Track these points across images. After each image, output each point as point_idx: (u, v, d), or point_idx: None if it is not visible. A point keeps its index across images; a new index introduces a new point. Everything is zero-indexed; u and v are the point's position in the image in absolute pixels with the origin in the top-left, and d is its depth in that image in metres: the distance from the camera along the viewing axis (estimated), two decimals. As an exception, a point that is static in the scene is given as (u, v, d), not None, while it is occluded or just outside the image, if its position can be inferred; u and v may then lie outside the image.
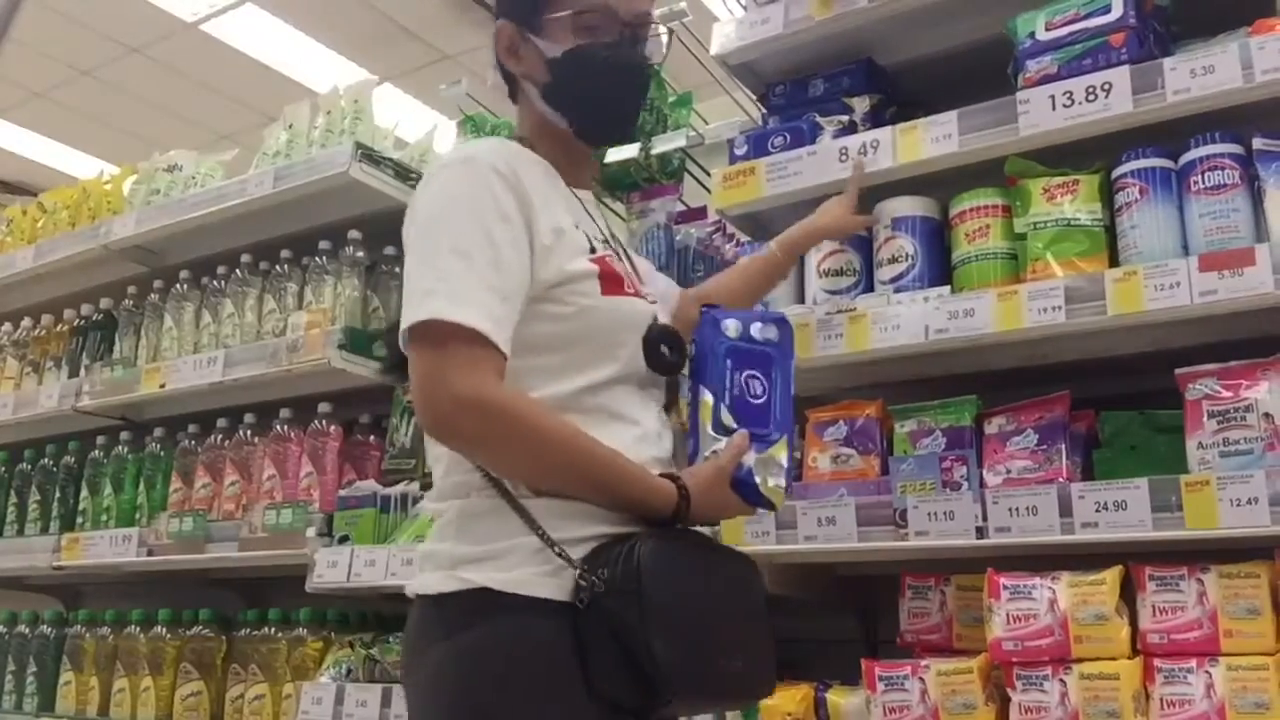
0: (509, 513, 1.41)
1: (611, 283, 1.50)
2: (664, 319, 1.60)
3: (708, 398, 1.52)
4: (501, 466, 1.43)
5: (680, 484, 1.45)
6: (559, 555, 1.37)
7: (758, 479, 1.49)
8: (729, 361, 1.54)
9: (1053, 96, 1.99)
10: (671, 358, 1.54)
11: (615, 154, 2.72)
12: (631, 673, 1.32)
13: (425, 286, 1.39)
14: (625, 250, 1.74)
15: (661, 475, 1.46)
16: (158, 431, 3.36)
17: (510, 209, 1.43)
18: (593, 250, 1.51)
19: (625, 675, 1.33)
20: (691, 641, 1.36)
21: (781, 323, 1.61)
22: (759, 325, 1.58)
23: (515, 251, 1.42)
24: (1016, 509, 1.84)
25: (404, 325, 1.40)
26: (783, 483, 1.53)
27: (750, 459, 1.50)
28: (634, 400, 1.52)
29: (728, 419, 1.51)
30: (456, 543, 1.44)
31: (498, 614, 1.37)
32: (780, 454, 1.52)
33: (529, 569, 1.38)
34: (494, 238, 1.40)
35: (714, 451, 1.50)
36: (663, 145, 2.74)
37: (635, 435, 1.49)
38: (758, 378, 1.55)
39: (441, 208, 1.45)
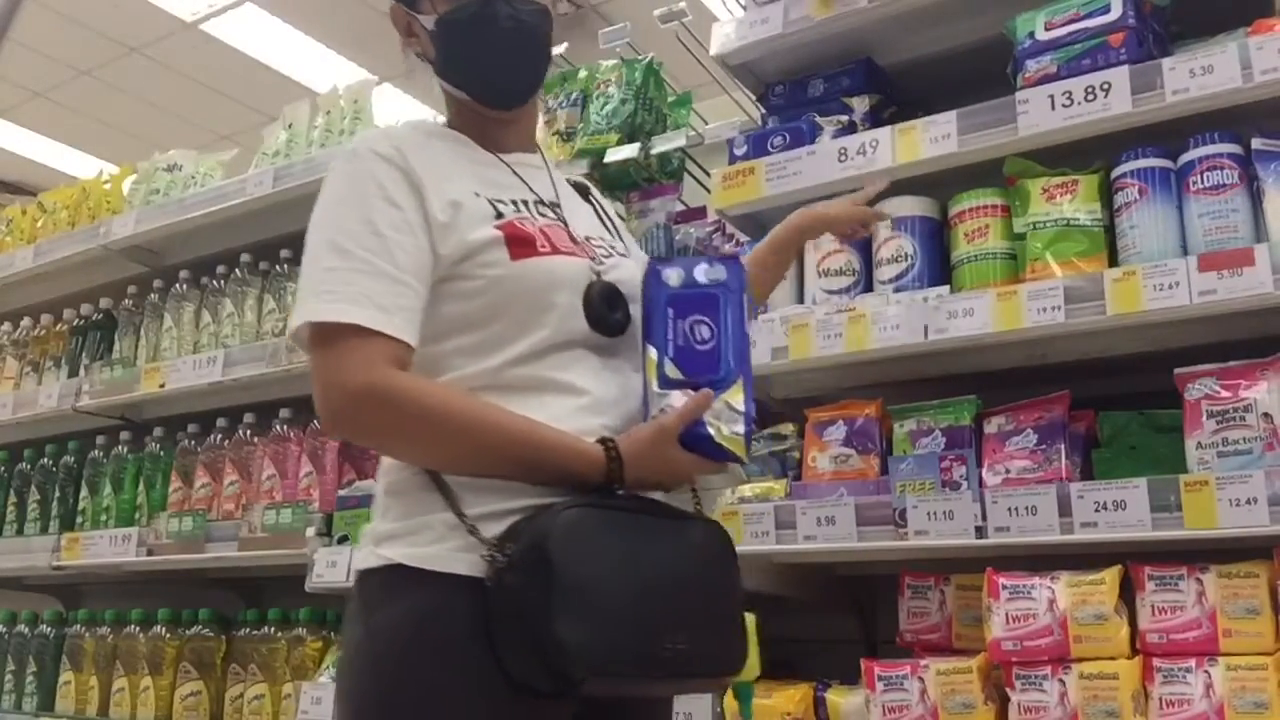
0: (429, 488, 1.35)
1: (521, 245, 1.40)
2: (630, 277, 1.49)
3: (651, 353, 1.41)
4: (405, 454, 1.39)
5: (610, 446, 1.35)
6: (470, 531, 1.30)
7: (711, 430, 1.36)
8: (671, 311, 1.42)
9: (1052, 96, 1.99)
10: (614, 316, 1.43)
11: (615, 154, 2.72)
12: (541, 654, 1.23)
13: (306, 288, 1.37)
14: (609, 221, 1.66)
15: (599, 440, 1.36)
16: (157, 431, 3.36)
17: (397, 192, 1.39)
18: (499, 216, 1.42)
19: (534, 656, 1.24)
20: (607, 619, 1.25)
21: (730, 261, 1.47)
22: (704, 268, 1.45)
23: (407, 234, 1.37)
24: (1016, 509, 1.84)
25: (288, 331, 1.40)
26: (741, 429, 1.38)
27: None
28: (581, 367, 1.42)
29: (672, 371, 1.40)
30: (382, 519, 1.40)
31: (409, 591, 1.32)
32: (735, 398, 1.38)
33: (443, 544, 1.32)
34: (378, 226, 1.36)
35: (661, 410, 1.38)
36: (662, 145, 2.74)
37: (577, 405, 1.39)
38: (705, 322, 1.42)
39: (324, 207, 1.42)
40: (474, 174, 1.47)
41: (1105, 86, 1.95)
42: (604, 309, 1.43)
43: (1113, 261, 1.97)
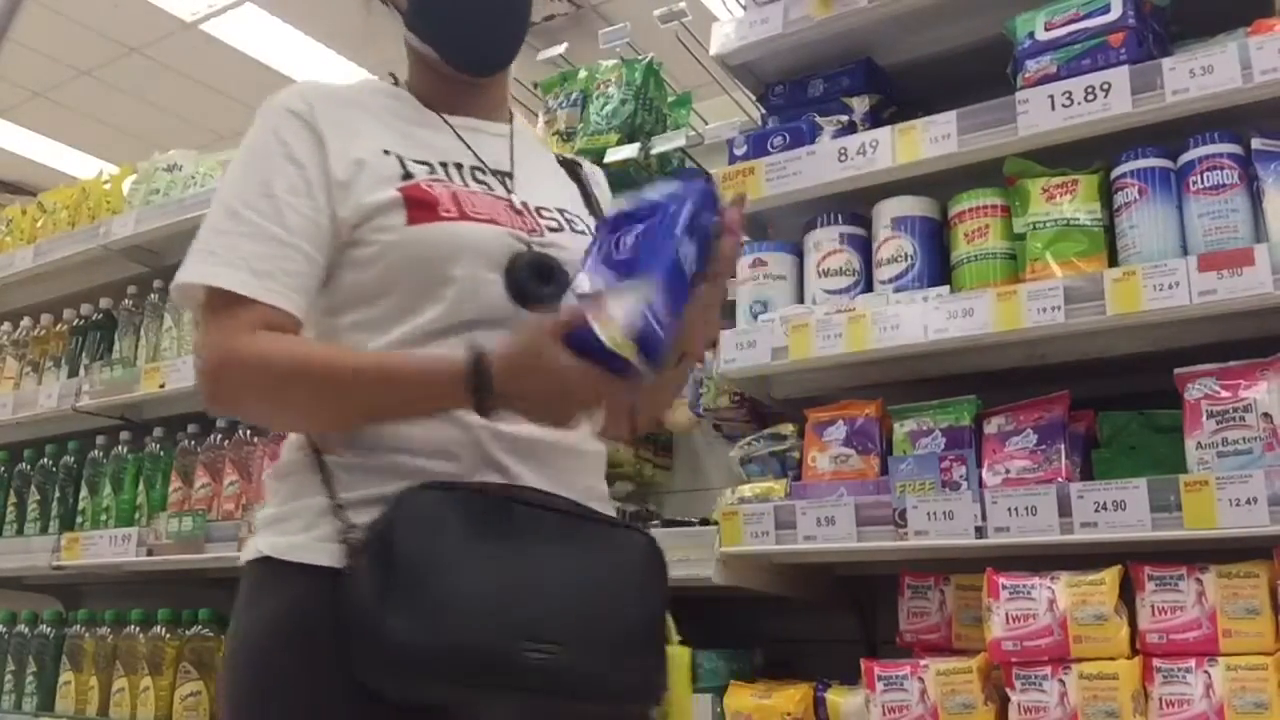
0: (312, 469, 1.24)
1: (422, 209, 1.26)
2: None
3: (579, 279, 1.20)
4: (271, 420, 1.31)
5: (478, 352, 1.14)
6: (336, 514, 1.19)
7: (596, 326, 1.09)
8: (606, 229, 1.21)
9: (1052, 96, 1.99)
10: (543, 290, 1.23)
11: (615, 154, 2.72)
12: (375, 649, 1.10)
13: (192, 250, 1.28)
14: (594, 202, 1.52)
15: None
16: (157, 431, 3.35)
17: (300, 149, 1.28)
18: (408, 177, 1.29)
19: (370, 653, 1.10)
20: (451, 612, 1.10)
21: (689, 178, 1.23)
22: (660, 185, 1.22)
23: (303, 195, 1.26)
24: (1015, 509, 1.84)
25: (171, 291, 1.28)
26: (638, 324, 1.08)
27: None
28: None
29: (582, 283, 1.16)
30: (267, 504, 1.30)
31: (276, 587, 1.21)
32: (632, 296, 1.10)
33: (309, 533, 1.20)
34: (272, 187, 1.26)
35: None
36: (662, 145, 2.74)
37: None
38: (633, 231, 1.17)
39: (232, 164, 1.34)
40: (396, 131, 1.35)
41: (1105, 86, 1.95)
42: (529, 280, 1.25)
43: (1113, 261, 1.97)
